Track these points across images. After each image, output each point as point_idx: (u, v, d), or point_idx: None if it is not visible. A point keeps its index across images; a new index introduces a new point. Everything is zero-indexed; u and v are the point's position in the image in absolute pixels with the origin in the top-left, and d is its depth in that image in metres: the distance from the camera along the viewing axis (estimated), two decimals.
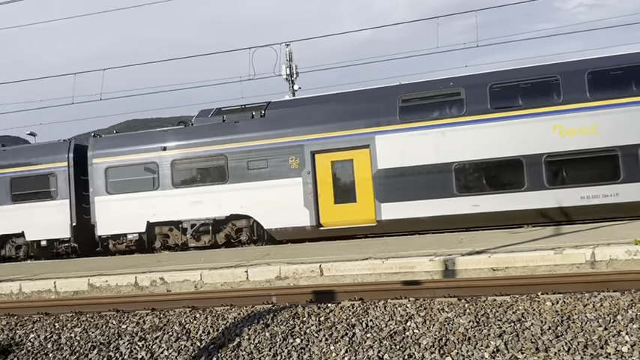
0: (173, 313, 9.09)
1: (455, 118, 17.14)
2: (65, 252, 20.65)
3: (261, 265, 11.81)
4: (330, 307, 8.52)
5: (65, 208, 20.43)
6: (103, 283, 11.88)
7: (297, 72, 32.24)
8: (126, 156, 19.88)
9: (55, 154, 20.93)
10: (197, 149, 19.23)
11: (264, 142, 18.60)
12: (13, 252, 21.17)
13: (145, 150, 19.79)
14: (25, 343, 8.87)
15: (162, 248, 19.58)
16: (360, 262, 10.89)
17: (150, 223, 19.47)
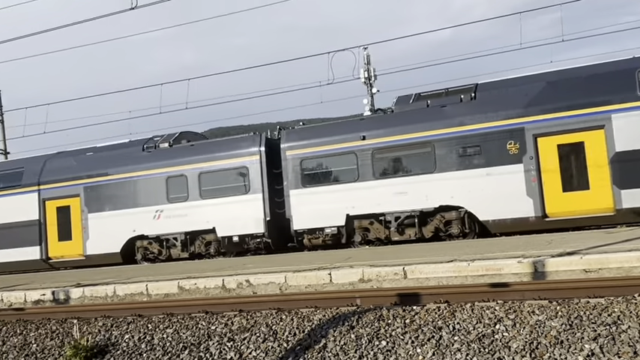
0: (260, 315, 9.25)
1: None
2: (257, 247, 20.31)
3: (344, 268, 11.83)
4: (415, 309, 8.44)
5: (258, 203, 19.98)
6: (192, 286, 12.24)
7: (375, 75, 32.15)
8: (321, 147, 19.33)
9: (245, 148, 20.48)
10: (400, 137, 18.44)
11: (476, 126, 17.58)
12: (202, 248, 20.90)
13: (341, 140, 19.13)
14: (120, 344, 9.26)
15: (362, 243, 18.95)
16: (445, 265, 10.72)
17: (349, 217, 18.77)
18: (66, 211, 22.43)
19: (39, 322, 10.74)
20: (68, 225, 22.38)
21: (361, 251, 16.27)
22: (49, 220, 22.65)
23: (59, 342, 9.77)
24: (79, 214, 22.18)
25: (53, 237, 22.56)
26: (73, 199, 22.33)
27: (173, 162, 21.22)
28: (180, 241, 20.88)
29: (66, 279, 15.80)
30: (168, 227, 20.98)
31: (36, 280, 16.79)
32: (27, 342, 10.05)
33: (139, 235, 21.44)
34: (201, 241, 20.88)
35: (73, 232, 22.26)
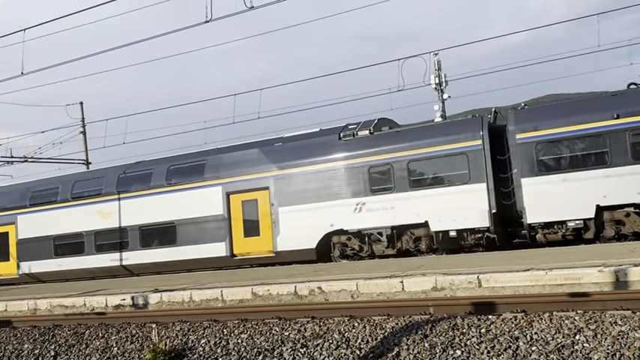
0: (332, 322, 9.28)
1: None
2: (476, 244, 18.33)
3: (416, 276, 11.72)
4: (490, 318, 8.27)
5: (482, 193, 17.93)
6: (265, 292, 12.41)
7: (446, 80, 31.82)
8: (563, 128, 17.05)
9: (464, 132, 18.58)
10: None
11: None
12: (411, 244, 19.17)
13: (589, 120, 16.77)
14: (197, 348, 9.49)
15: (613, 238, 16.68)
16: (522, 273, 10.46)
17: (599, 208, 16.58)
18: (253, 205, 21.23)
19: (119, 326, 11.13)
20: (255, 220, 21.17)
21: (433, 259, 16.07)
22: (233, 215, 21.38)
23: (139, 345, 10.10)
24: (267, 207, 20.82)
25: (239, 233, 21.37)
26: (260, 192, 21.05)
27: (376, 150, 19.59)
28: (385, 236, 19.18)
29: (144, 284, 16.32)
30: (372, 221, 19.29)
31: (116, 285, 17.42)
32: (108, 345, 10.44)
33: (337, 230, 19.86)
34: (409, 237, 19.10)
35: (261, 228, 20.99)
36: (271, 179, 20.80)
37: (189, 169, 22.53)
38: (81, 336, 11.04)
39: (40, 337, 11.43)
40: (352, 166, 19.64)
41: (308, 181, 20.22)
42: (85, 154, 36.02)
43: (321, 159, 20.21)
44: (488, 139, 18.07)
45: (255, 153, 21.49)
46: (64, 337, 11.14)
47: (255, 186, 21.06)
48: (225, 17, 14.41)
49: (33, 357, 10.78)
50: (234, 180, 21.36)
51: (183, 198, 22.10)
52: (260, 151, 21.47)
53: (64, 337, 11.17)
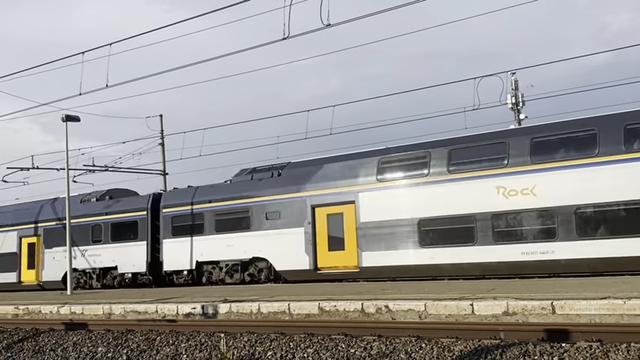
0: (399, 341, 9.18)
1: None
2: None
3: (487, 299, 11.46)
4: (564, 347, 7.99)
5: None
6: (331, 308, 12.42)
7: (523, 100, 31.09)
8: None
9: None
10: None
11: None
12: None
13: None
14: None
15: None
16: (598, 302, 10.06)
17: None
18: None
19: (189, 334, 11.38)
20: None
21: (507, 282, 15.66)
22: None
23: (207, 354, 10.29)
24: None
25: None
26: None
27: None
28: None
29: (214, 294, 16.64)
30: None
31: (188, 294, 17.83)
32: (178, 352, 10.68)
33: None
34: None
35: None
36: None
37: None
38: (152, 342, 11.34)
39: (114, 340, 11.82)
40: None
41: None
42: (163, 164, 37.11)
43: None
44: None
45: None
46: (136, 343, 11.48)
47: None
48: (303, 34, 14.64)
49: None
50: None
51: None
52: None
53: (136, 342, 11.50)
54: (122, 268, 25.48)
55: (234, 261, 22.80)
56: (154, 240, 24.91)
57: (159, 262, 24.51)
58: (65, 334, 12.86)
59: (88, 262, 26.48)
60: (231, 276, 22.92)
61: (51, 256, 27.68)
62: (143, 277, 25.06)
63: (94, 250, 26.34)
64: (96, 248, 26.32)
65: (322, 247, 21.06)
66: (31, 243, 28.97)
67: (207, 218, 23.45)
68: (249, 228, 22.41)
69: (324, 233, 21.01)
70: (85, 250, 26.53)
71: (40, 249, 28.37)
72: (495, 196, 18.05)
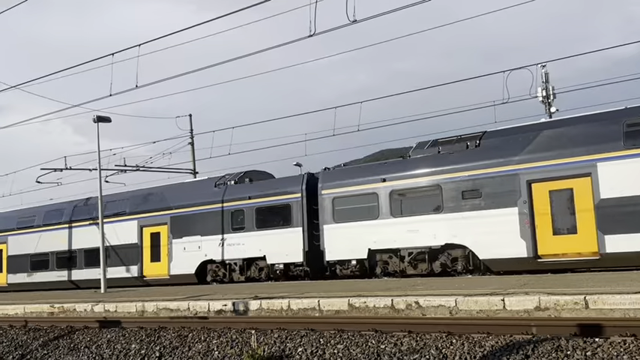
0: (429, 337, 9.15)
1: None
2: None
3: (518, 295, 11.34)
4: (597, 341, 7.88)
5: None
6: (361, 304, 12.41)
7: (554, 93, 30.66)
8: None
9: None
10: None
11: None
12: None
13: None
14: (294, 356, 9.63)
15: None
16: (632, 296, 9.89)
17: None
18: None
19: (220, 331, 11.48)
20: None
21: (539, 277, 15.48)
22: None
23: (238, 350, 10.38)
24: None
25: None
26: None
27: None
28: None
29: (244, 291, 16.76)
30: None
31: (218, 291, 17.99)
32: (210, 349, 10.79)
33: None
34: None
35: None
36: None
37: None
38: (184, 338, 11.47)
39: (147, 337, 11.98)
40: None
41: None
42: (193, 163, 37.47)
43: None
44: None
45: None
46: (168, 339, 11.62)
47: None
48: (329, 31, 14.64)
49: (139, 357, 11.31)
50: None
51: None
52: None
53: (169, 338, 11.65)
54: (272, 259, 22.67)
55: (419, 249, 19.72)
56: (310, 226, 22.12)
57: (318, 251, 21.73)
58: (99, 331, 13.08)
59: (227, 253, 23.81)
60: (415, 266, 19.98)
61: (181, 246, 25.12)
62: (297, 268, 22.37)
63: (236, 238, 23.60)
64: (238, 236, 23.57)
65: (544, 230, 17.83)
66: (154, 233, 26.26)
67: (381, 199, 20.36)
68: (440, 209, 19.33)
69: (545, 213, 17.83)
70: (223, 239, 23.91)
71: (167, 239, 25.66)
72: None
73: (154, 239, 26.29)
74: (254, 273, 23.37)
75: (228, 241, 23.83)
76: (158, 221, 26.10)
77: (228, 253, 23.86)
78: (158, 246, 26.09)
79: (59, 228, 29.72)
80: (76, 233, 28.97)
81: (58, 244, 29.57)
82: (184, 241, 25.09)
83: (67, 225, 29.50)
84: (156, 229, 26.23)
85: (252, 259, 23.37)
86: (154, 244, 26.27)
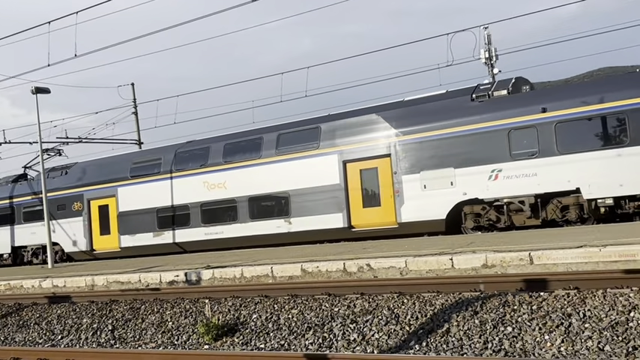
0: (381, 298, 9.33)
1: None
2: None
3: (466, 253, 11.64)
4: (542, 295, 8.19)
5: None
6: (314, 269, 12.53)
7: (496, 55, 31.16)
8: None
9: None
10: None
11: None
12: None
13: None
14: (248, 323, 9.69)
15: None
16: (575, 250, 10.27)
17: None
18: None
19: (173, 302, 11.44)
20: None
21: (484, 236, 15.91)
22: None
23: (192, 320, 10.37)
24: None
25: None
26: None
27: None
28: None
29: (196, 261, 16.68)
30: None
31: (169, 262, 17.85)
32: (163, 320, 10.75)
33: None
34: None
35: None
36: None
37: None
38: (137, 311, 11.39)
39: (98, 311, 11.85)
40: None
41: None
42: (137, 134, 36.78)
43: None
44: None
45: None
46: (120, 312, 11.52)
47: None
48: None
49: (91, 331, 11.19)
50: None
51: None
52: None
53: (121, 312, 11.55)
54: (592, 191, 16.24)
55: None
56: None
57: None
58: (49, 307, 12.85)
59: (503, 189, 17.51)
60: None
61: (416, 184, 18.77)
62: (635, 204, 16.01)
63: (520, 168, 17.32)
64: (524, 165, 17.23)
65: None
66: (366, 170, 19.73)
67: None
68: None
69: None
70: (495, 170, 17.66)
71: (390, 176, 19.23)
72: None
73: (367, 178, 19.82)
74: (553, 213, 17.02)
75: (506, 173, 17.44)
76: (373, 152, 19.65)
77: (506, 189, 17.48)
78: (373, 186, 19.78)
79: (205, 172, 22.80)
80: (235, 177, 22.15)
81: (203, 193, 22.73)
82: (424, 176, 18.64)
83: (217, 167, 22.56)
84: (369, 163, 19.71)
85: (552, 194, 16.91)
86: (367, 184, 19.84)
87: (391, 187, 19.14)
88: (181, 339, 9.95)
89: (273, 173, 21.16)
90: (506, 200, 17.43)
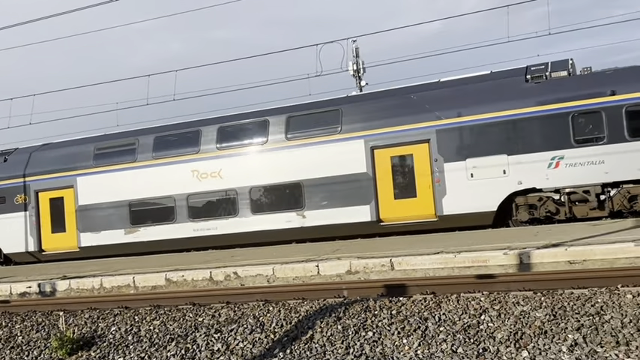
0: (247, 307, 9.27)
1: None
2: None
3: (331, 260, 11.87)
4: (402, 300, 8.49)
5: None
6: (179, 278, 12.23)
7: (364, 67, 32.13)
8: None
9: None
10: None
11: None
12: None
13: None
14: (106, 335, 9.24)
15: None
16: (432, 256, 10.79)
17: None
18: None
19: (24, 315, 10.70)
20: None
21: (350, 243, 16.31)
22: None
23: (45, 334, 9.74)
24: None
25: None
26: None
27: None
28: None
29: (51, 272, 15.73)
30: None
31: (21, 272, 16.70)
32: (12, 334, 10.01)
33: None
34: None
35: None
36: None
37: None
38: None
39: None
40: None
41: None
42: None
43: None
44: None
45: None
46: None
47: None
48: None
49: None
50: None
51: None
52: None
53: None
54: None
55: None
56: None
57: None
58: None
59: (565, 178, 16.14)
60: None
61: (461, 173, 16.86)
62: None
63: (585, 156, 16.07)
64: (589, 152, 16.03)
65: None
66: (399, 157, 17.66)
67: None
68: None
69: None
70: (556, 157, 16.30)
71: (429, 164, 17.26)
72: None
73: (400, 166, 17.89)
74: (620, 204, 15.76)
75: (568, 160, 16.14)
76: (408, 137, 17.60)
77: (568, 178, 16.11)
78: (408, 174, 17.76)
79: (195, 159, 19.81)
80: (233, 165, 19.40)
81: (192, 183, 19.71)
82: (471, 164, 16.87)
83: (210, 154, 19.56)
84: (403, 150, 17.75)
85: (620, 183, 15.88)
86: (400, 172, 17.87)
87: (429, 176, 17.11)
88: (32, 354, 9.30)
89: (283, 160, 18.69)
90: (569, 190, 16.01)
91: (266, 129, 18.97)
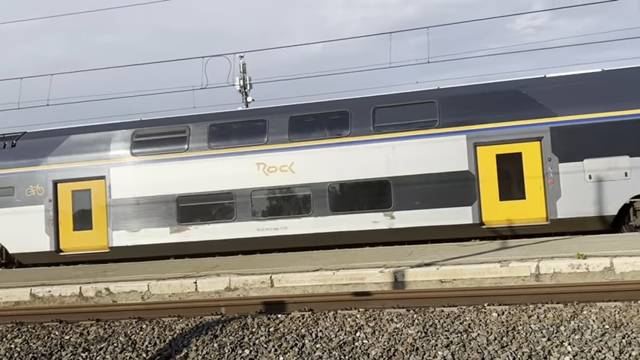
0: (119, 324, 8.89)
1: None
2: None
3: (210, 277, 11.67)
4: (280, 317, 8.48)
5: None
6: (46, 294, 11.55)
7: (250, 83, 32.12)
8: None
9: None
10: None
11: None
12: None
13: None
14: None
15: None
16: (311, 274, 10.88)
17: None
18: None
19: None
20: None
21: (229, 259, 16.11)
22: None
23: None
24: None
25: None
26: None
27: None
28: None
29: None
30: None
31: None
32: None
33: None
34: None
35: None
36: None
37: None
38: None
39: None
40: None
41: None
42: None
43: None
44: None
45: None
46: None
47: None
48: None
49: None
50: None
51: None
52: None
53: None
54: None
55: None
56: None
57: None
58: None
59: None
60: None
61: (578, 175, 15.71)
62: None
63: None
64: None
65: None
66: (506, 155, 16.30)
67: None
68: None
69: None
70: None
71: (541, 164, 16.00)
72: None
73: (506, 165, 16.43)
74: None
75: None
76: (517, 135, 16.28)
77: None
78: (514, 175, 16.39)
79: (261, 150, 17.70)
80: (307, 158, 17.50)
81: (257, 177, 17.52)
82: (589, 165, 15.69)
83: (279, 145, 17.56)
84: (510, 147, 16.38)
85: None
86: (506, 172, 16.43)
87: (541, 177, 15.95)
88: None
89: (368, 155, 16.97)
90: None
91: (347, 120, 17.33)
